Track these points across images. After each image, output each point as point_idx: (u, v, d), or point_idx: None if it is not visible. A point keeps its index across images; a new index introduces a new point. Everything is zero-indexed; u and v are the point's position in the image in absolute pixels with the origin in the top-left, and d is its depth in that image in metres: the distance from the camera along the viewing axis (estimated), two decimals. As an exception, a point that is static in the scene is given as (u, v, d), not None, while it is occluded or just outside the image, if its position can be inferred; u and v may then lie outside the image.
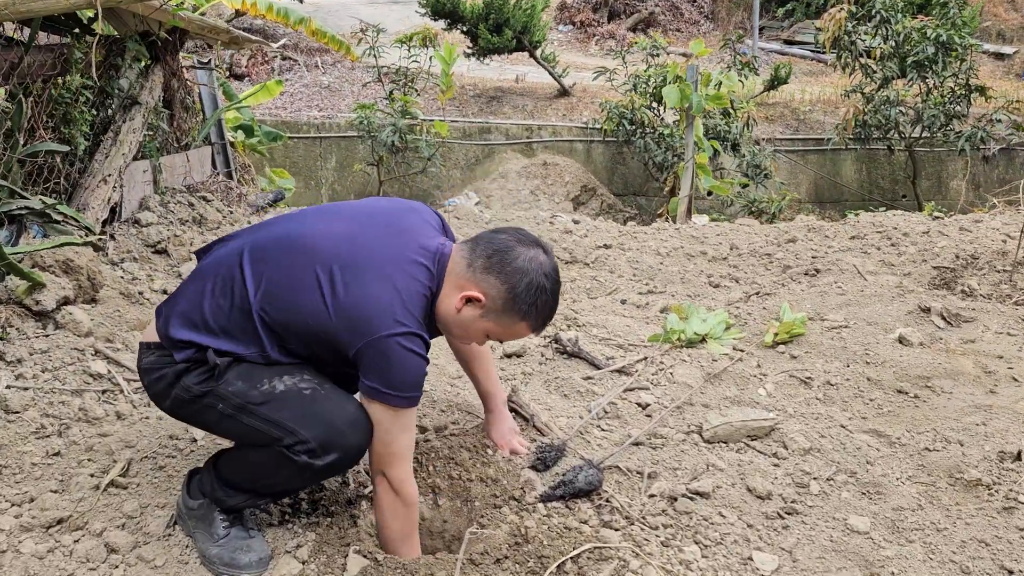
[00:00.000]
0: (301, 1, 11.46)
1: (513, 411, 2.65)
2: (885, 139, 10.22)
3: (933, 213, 7.03)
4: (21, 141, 3.69)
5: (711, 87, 8.33)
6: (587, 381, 3.05)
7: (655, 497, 2.36)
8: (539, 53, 12.22)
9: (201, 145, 5.67)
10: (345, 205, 2.15)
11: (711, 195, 9.07)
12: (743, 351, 3.40)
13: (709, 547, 2.20)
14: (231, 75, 11.63)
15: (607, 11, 16.65)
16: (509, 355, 3.27)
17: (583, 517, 2.24)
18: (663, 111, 9.79)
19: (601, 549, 2.11)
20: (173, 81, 5.20)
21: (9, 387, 2.68)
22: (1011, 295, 4.17)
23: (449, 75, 10.56)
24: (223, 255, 2.04)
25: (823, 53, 12.12)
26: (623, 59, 10.67)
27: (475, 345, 2.42)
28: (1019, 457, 2.60)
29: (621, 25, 16.41)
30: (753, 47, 13.61)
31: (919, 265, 4.77)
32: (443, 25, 12.09)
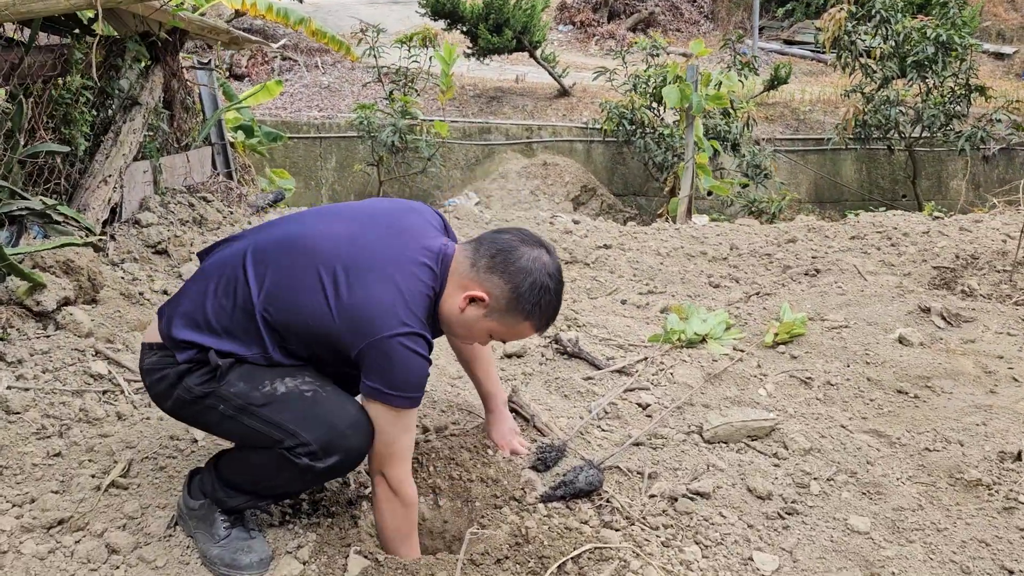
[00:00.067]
0: (301, 1, 11.47)
1: (514, 411, 2.65)
2: (885, 139, 10.22)
3: (933, 213, 7.03)
4: (22, 142, 3.70)
5: (711, 87, 8.33)
6: (587, 381, 3.05)
7: (655, 497, 2.37)
8: (539, 53, 12.22)
9: (201, 145, 5.67)
10: (346, 206, 2.15)
11: (711, 195, 9.07)
12: (743, 351, 3.40)
13: (709, 547, 2.20)
14: (231, 75, 11.63)
15: (607, 11, 16.65)
16: (509, 355, 3.28)
17: (583, 517, 2.25)
18: (663, 111, 9.79)
19: (602, 549, 2.12)
20: (173, 81, 5.21)
21: (10, 388, 2.68)
22: (1011, 295, 4.17)
23: (449, 75, 10.57)
24: (226, 256, 2.04)
25: (823, 53, 12.13)
26: (623, 59, 10.67)
27: (476, 346, 2.42)
28: (1019, 457, 2.60)
29: (621, 25, 16.42)
30: (753, 47, 13.61)
31: (919, 265, 4.77)
32: (443, 25, 12.10)
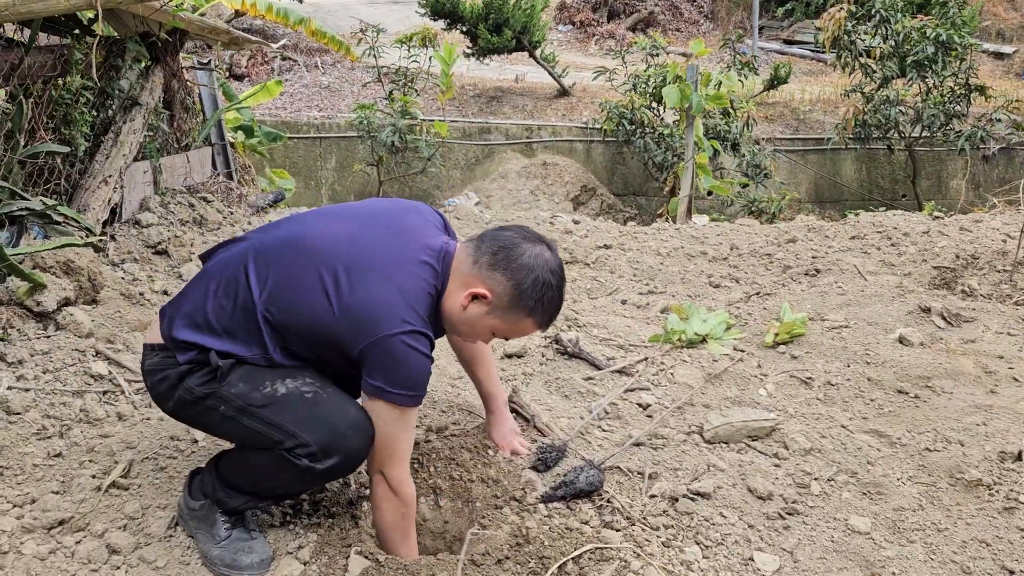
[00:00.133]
0: (301, 1, 11.48)
1: (514, 412, 2.65)
2: (885, 139, 10.22)
3: (933, 213, 7.03)
4: (22, 142, 3.70)
5: (711, 87, 8.33)
6: (588, 382, 3.05)
7: (656, 498, 2.37)
8: (539, 53, 12.22)
9: (201, 146, 5.67)
10: (347, 206, 2.16)
11: (711, 195, 9.07)
12: (744, 351, 3.40)
13: (710, 547, 2.20)
14: (231, 75, 11.63)
15: (607, 11, 16.65)
16: (510, 355, 3.28)
17: (584, 518, 2.25)
18: (663, 111, 9.79)
19: (602, 550, 2.12)
20: (173, 82, 5.21)
21: (10, 388, 2.68)
22: (1011, 295, 4.17)
23: (449, 75, 10.56)
24: (227, 257, 2.04)
25: (823, 53, 12.13)
26: (623, 59, 10.67)
27: (477, 346, 2.42)
28: (1020, 457, 2.60)
29: (621, 25, 16.41)
30: (753, 47, 13.61)
31: (919, 265, 4.77)
32: (443, 25, 12.10)
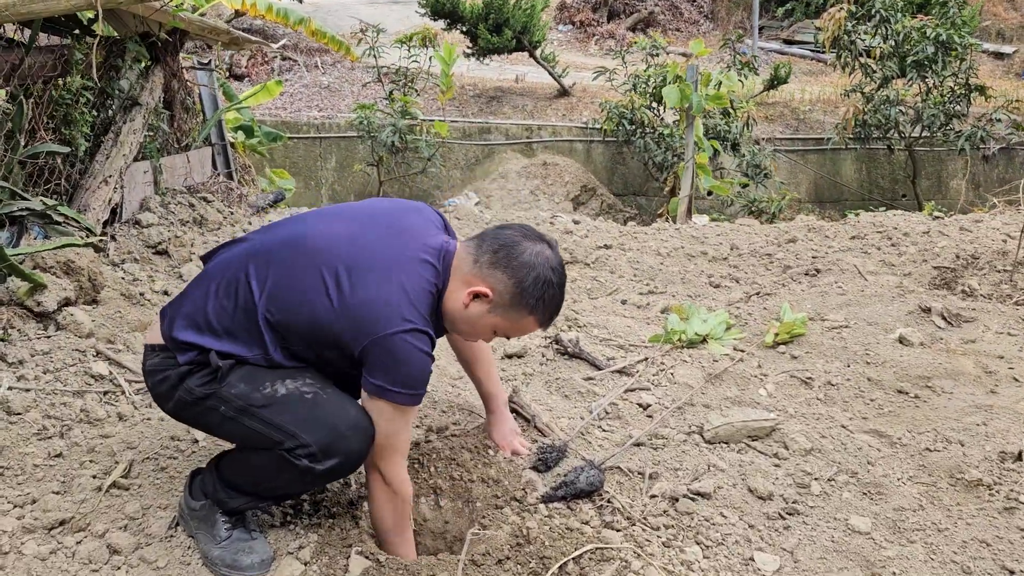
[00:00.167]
0: (301, 1, 11.48)
1: (514, 412, 2.65)
2: (885, 139, 10.22)
3: (933, 213, 7.03)
4: (22, 142, 3.70)
5: (711, 87, 8.33)
6: (588, 382, 3.05)
7: (656, 498, 2.37)
8: (539, 53, 12.22)
9: (201, 146, 5.67)
10: (347, 206, 2.16)
11: (711, 195, 9.07)
12: (744, 351, 3.40)
13: (711, 548, 2.20)
14: (231, 75, 11.63)
15: (607, 11, 16.65)
16: (510, 356, 3.28)
17: (584, 518, 2.25)
18: (663, 111, 9.79)
19: (603, 550, 2.12)
20: (173, 82, 5.21)
21: (11, 388, 2.68)
22: (1011, 295, 4.17)
23: (449, 75, 10.56)
24: (228, 258, 2.05)
25: (823, 53, 12.12)
26: (623, 59, 10.67)
27: (477, 347, 2.43)
28: (1020, 457, 2.60)
29: (621, 25, 16.42)
30: (753, 47, 13.61)
31: (919, 265, 4.77)
32: (443, 25, 12.10)
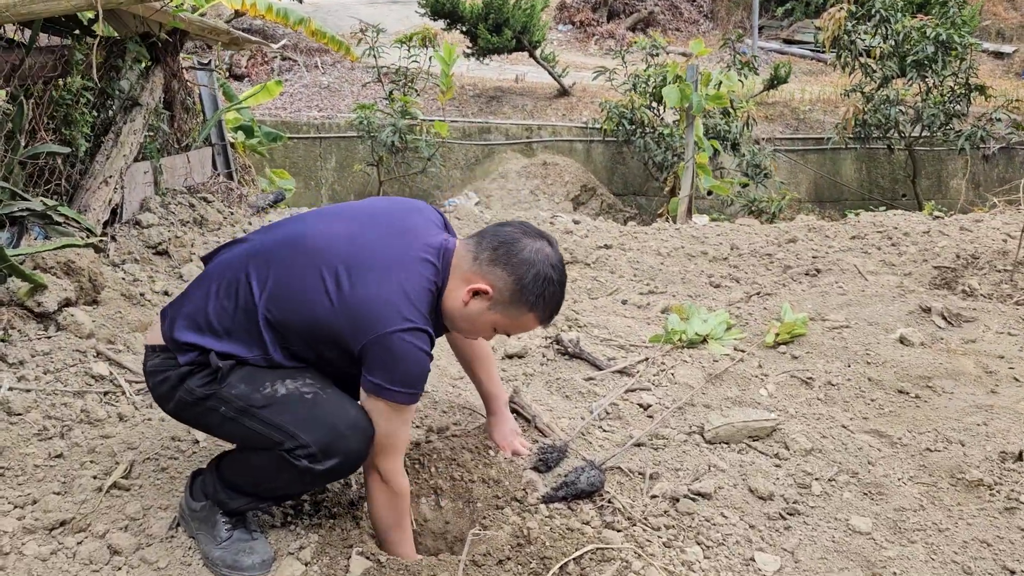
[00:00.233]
0: (301, 1, 11.47)
1: (515, 412, 2.65)
2: (885, 138, 10.22)
3: (933, 212, 7.03)
4: (22, 143, 3.70)
5: (711, 87, 8.32)
6: (588, 382, 3.05)
7: (657, 498, 2.37)
8: (539, 53, 12.22)
9: (202, 146, 5.67)
10: (347, 206, 2.16)
11: (711, 195, 9.07)
12: (744, 351, 3.40)
13: (711, 548, 2.20)
14: (231, 76, 11.62)
15: (606, 11, 16.65)
16: (510, 356, 3.28)
17: (585, 518, 2.25)
18: (663, 111, 9.79)
19: (603, 550, 2.12)
20: (173, 82, 5.20)
21: (11, 389, 2.68)
22: (1012, 295, 4.17)
23: (449, 75, 10.56)
24: (228, 259, 2.05)
25: (823, 52, 12.12)
26: (623, 59, 10.67)
27: (478, 347, 2.43)
28: (1020, 457, 2.60)
29: (620, 25, 16.42)
30: (753, 46, 13.61)
31: (920, 265, 4.77)
32: (442, 25, 12.10)
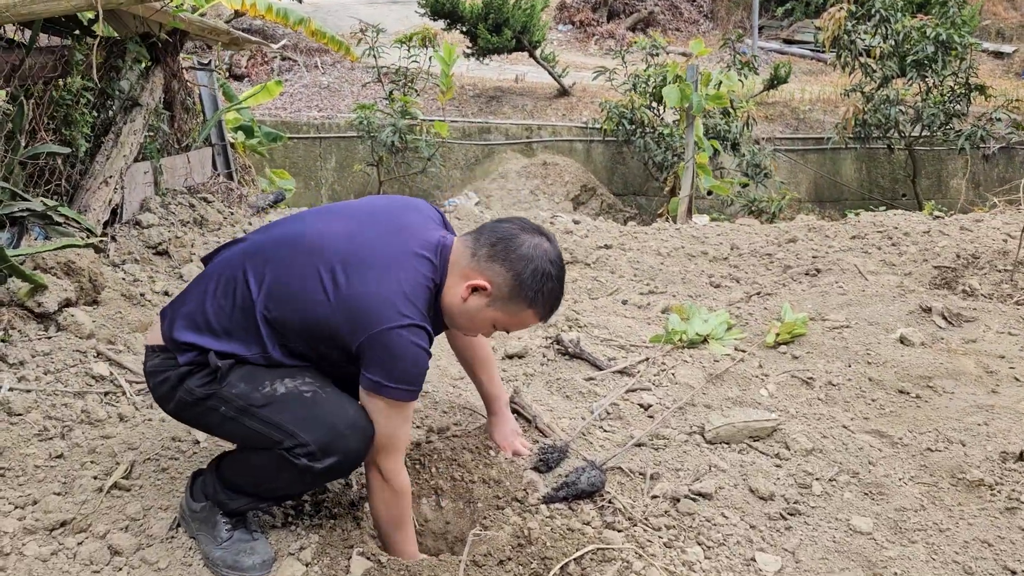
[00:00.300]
0: (300, 1, 11.47)
1: (515, 412, 2.65)
2: (885, 138, 10.22)
3: (933, 212, 7.03)
4: (22, 143, 3.69)
5: (711, 87, 8.33)
6: (589, 382, 3.05)
7: (658, 498, 2.37)
8: (539, 53, 12.22)
9: (202, 146, 5.66)
10: (344, 205, 2.16)
11: (711, 195, 9.07)
12: (745, 351, 3.40)
13: (712, 548, 2.20)
14: (231, 76, 11.62)
15: (606, 11, 16.65)
16: (511, 356, 3.28)
17: (586, 518, 2.25)
18: (663, 111, 9.79)
19: (604, 550, 2.12)
20: (174, 82, 5.20)
21: (12, 389, 2.68)
22: (1012, 295, 4.17)
23: (449, 75, 10.56)
24: (227, 258, 2.05)
25: (823, 52, 12.12)
26: (623, 59, 10.67)
27: (478, 348, 2.42)
28: (1021, 457, 2.60)
29: (620, 24, 16.42)
30: (753, 46, 13.61)
31: (920, 265, 4.77)
32: (442, 25, 12.09)
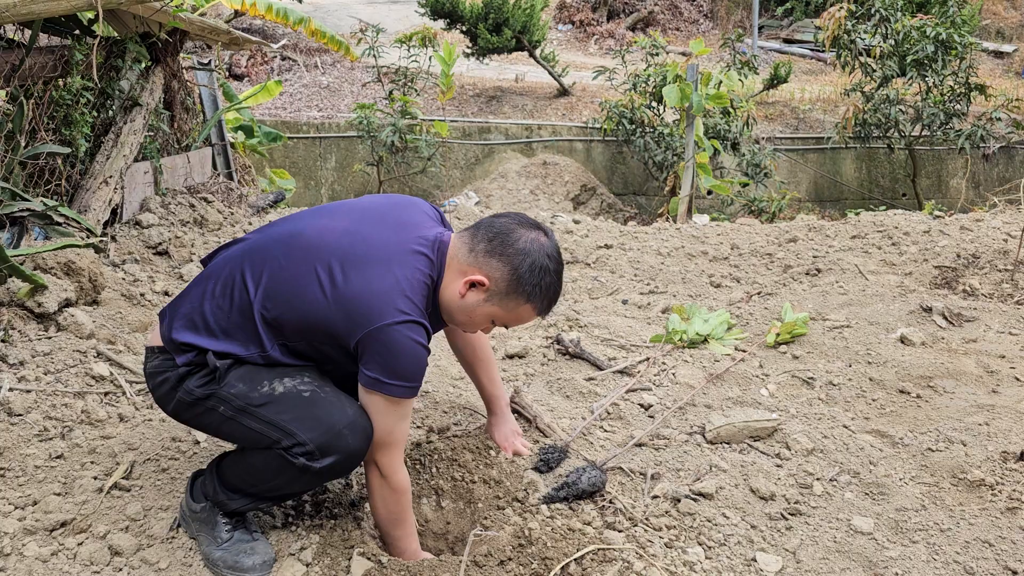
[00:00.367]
0: (300, 1, 11.46)
1: (516, 412, 2.65)
2: (885, 138, 10.21)
3: (933, 212, 7.03)
4: (22, 143, 3.70)
5: (711, 86, 8.32)
6: (589, 382, 3.05)
7: (658, 498, 2.36)
8: (538, 53, 12.21)
9: (202, 146, 5.66)
10: (341, 203, 2.15)
11: (711, 194, 9.07)
12: (745, 351, 3.40)
13: (713, 548, 2.20)
14: (230, 75, 11.62)
15: (606, 10, 16.64)
16: (511, 356, 3.28)
17: (586, 519, 2.24)
18: (663, 110, 9.79)
19: (605, 551, 2.11)
20: (173, 82, 5.20)
21: (12, 390, 2.68)
22: (1012, 294, 4.17)
23: (449, 75, 10.56)
24: (225, 259, 2.05)
25: (823, 52, 12.12)
26: (623, 58, 10.67)
27: (478, 348, 2.42)
28: (1022, 457, 2.60)
29: (620, 24, 16.41)
30: (752, 46, 13.61)
31: (920, 264, 4.77)
32: (442, 25, 12.09)
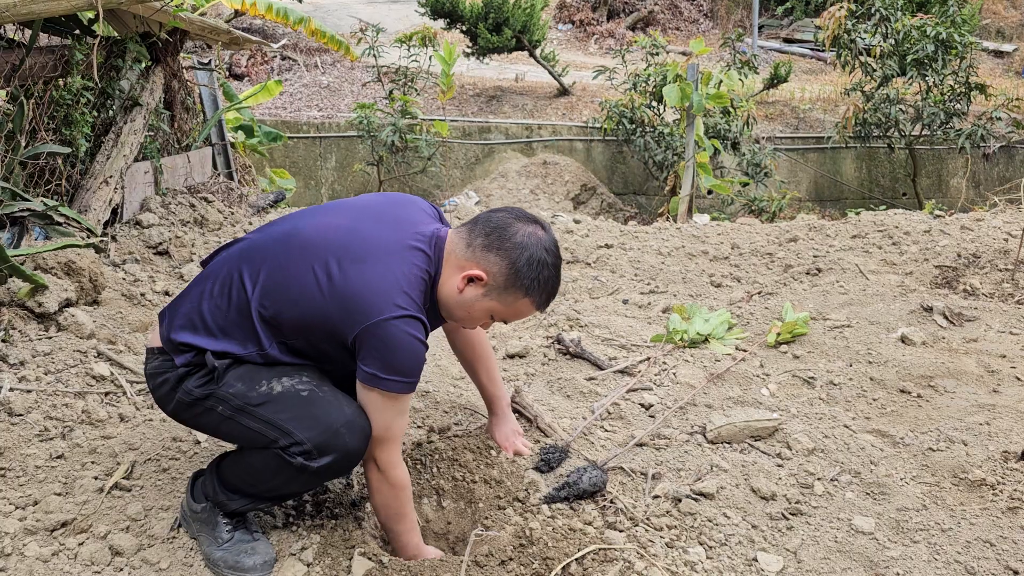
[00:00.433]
0: (300, 1, 11.46)
1: (516, 412, 2.65)
2: (885, 137, 10.21)
3: (934, 211, 7.02)
4: (23, 143, 3.70)
5: (711, 86, 8.32)
6: (590, 382, 3.05)
7: (659, 498, 2.36)
8: (539, 52, 12.21)
9: (202, 146, 5.66)
10: (340, 202, 2.16)
11: (711, 194, 9.06)
12: (746, 351, 3.40)
13: (714, 548, 2.20)
14: (231, 75, 11.62)
15: (606, 10, 16.64)
16: (512, 356, 3.27)
17: (587, 518, 2.24)
18: (663, 110, 9.79)
19: (606, 550, 2.11)
20: (174, 82, 5.20)
21: (12, 390, 2.68)
22: (1013, 294, 4.17)
23: (449, 75, 10.55)
24: (224, 259, 2.05)
25: (823, 51, 12.12)
26: (623, 58, 10.67)
27: (479, 348, 2.42)
28: (1023, 457, 2.60)
29: (620, 24, 16.41)
30: (753, 45, 13.60)
31: (921, 264, 4.77)
32: (442, 24, 12.09)
